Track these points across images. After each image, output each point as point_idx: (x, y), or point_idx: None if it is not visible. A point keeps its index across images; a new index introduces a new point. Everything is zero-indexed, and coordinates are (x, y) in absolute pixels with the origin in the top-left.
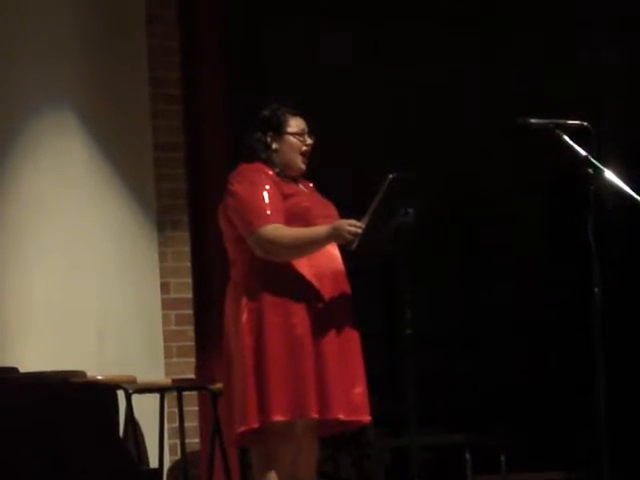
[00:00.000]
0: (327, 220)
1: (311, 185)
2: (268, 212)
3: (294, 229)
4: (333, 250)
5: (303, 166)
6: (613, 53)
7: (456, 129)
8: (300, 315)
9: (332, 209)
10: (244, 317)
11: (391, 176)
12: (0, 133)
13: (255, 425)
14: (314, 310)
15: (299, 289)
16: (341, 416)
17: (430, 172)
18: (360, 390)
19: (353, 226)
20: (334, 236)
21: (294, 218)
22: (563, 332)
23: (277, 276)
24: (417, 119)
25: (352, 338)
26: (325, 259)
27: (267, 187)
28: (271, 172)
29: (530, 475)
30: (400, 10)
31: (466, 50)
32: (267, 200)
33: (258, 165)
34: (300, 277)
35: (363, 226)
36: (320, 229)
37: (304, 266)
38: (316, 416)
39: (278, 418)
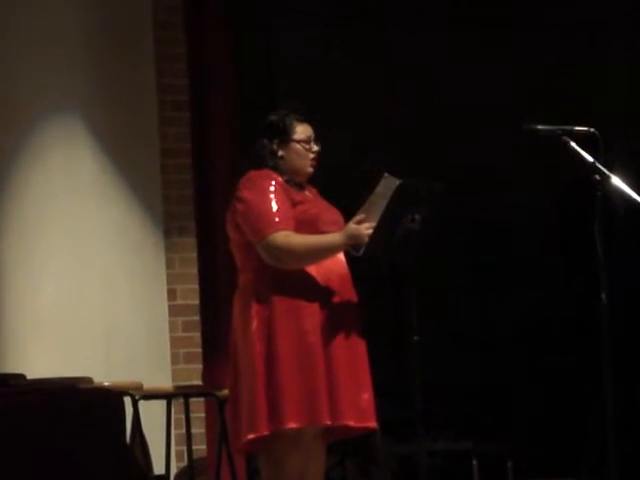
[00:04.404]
0: (335, 227)
1: (315, 191)
2: (277, 219)
3: (305, 236)
4: (339, 255)
5: (311, 169)
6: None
7: (464, 132)
8: (311, 322)
9: (338, 215)
10: (254, 324)
11: (398, 182)
12: (9, 139)
13: (266, 432)
14: (324, 316)
15: (309, 295)
16: (351, 422)
17: (437, 177)
18: (367, 396)
19: (366, 224)
20: (350, 240)
21: (302, 225)
22: (571, 338)
23: (286, 282)
24: (425, 122)
25: (359, 344)
26: (332, 264)
27: (276, 194)
28: (280, 179)
29: None
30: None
31: (474, 49)
32: (276, 207)
33: (267, 171)
34: (309, 283)
35: (373, 224)
36: (333, 235)
37: (312, 272)
38: (329, 423)
39: (291, 425)
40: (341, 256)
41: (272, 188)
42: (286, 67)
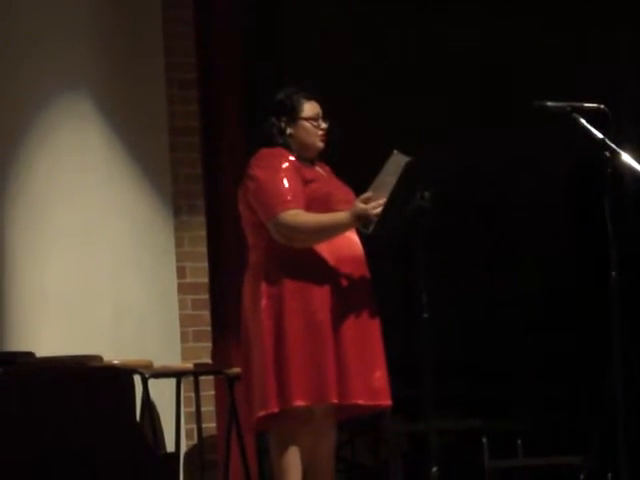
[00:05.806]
0: (347, 205)
1: (328, 169)
2: (288, 198)
3: (315, 215)
4: (352, 236)
5: (321, 144)
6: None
7: (476, 113)
8: (320, 301)
9: (351, 194)
10: (263, 302)
11: (408, 159)
12: (17, 118)
13: (275, 410)
14: (334, 295)
15: (319, 274)
16: (361, 401)
17: (447, 156)
18: (380, 375)
19: (373, 203)
20: (358, 219)
21: (314, 204)
22: (581, 317)
23: (297, 261)
24: (435, 104)
25: (372, 323)
26: (344, 245)
27: (288, 172)
28: (292, 157)
29: (547, 460)
30: None
31: (481, 34)
32: (287, 185)
33: (279, 150)
34: (320, 262)
35: (381, 202)
36: (342, 214)
37: (324, 252)
38: (336, 401)
39: (299, 403)
40: (355, 237)
41: (284, 166)
42: (294, 43)
